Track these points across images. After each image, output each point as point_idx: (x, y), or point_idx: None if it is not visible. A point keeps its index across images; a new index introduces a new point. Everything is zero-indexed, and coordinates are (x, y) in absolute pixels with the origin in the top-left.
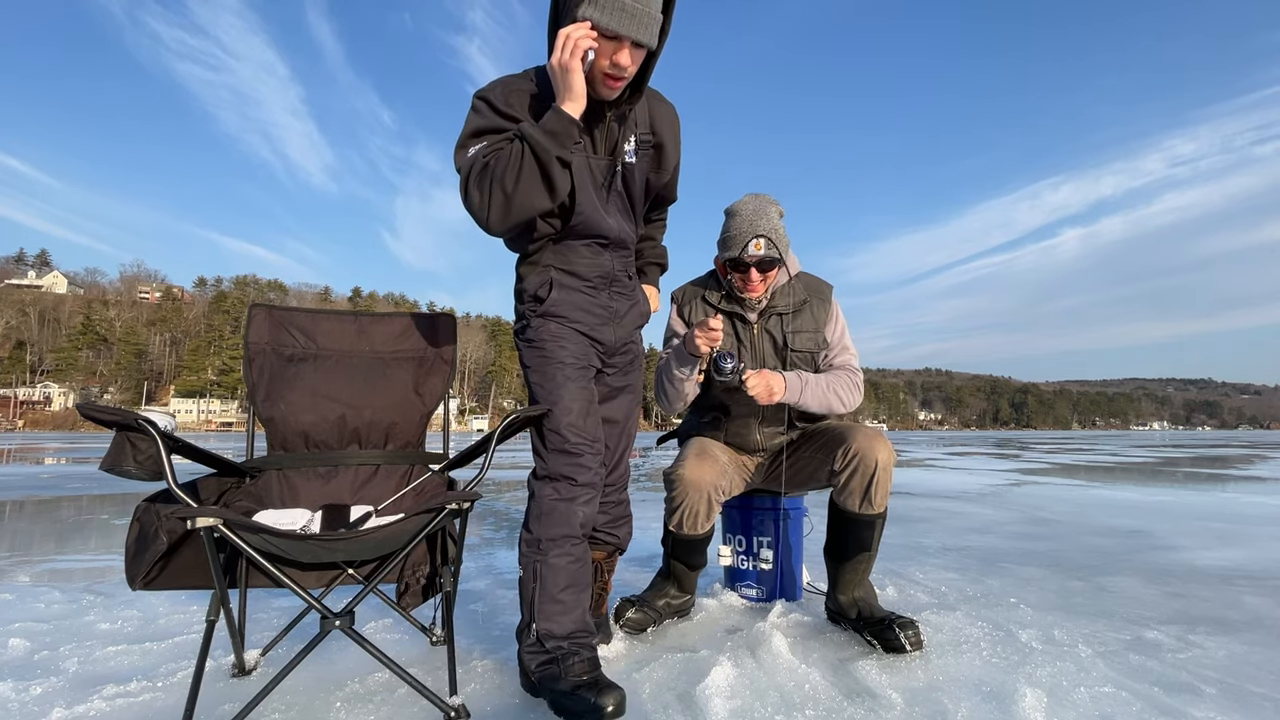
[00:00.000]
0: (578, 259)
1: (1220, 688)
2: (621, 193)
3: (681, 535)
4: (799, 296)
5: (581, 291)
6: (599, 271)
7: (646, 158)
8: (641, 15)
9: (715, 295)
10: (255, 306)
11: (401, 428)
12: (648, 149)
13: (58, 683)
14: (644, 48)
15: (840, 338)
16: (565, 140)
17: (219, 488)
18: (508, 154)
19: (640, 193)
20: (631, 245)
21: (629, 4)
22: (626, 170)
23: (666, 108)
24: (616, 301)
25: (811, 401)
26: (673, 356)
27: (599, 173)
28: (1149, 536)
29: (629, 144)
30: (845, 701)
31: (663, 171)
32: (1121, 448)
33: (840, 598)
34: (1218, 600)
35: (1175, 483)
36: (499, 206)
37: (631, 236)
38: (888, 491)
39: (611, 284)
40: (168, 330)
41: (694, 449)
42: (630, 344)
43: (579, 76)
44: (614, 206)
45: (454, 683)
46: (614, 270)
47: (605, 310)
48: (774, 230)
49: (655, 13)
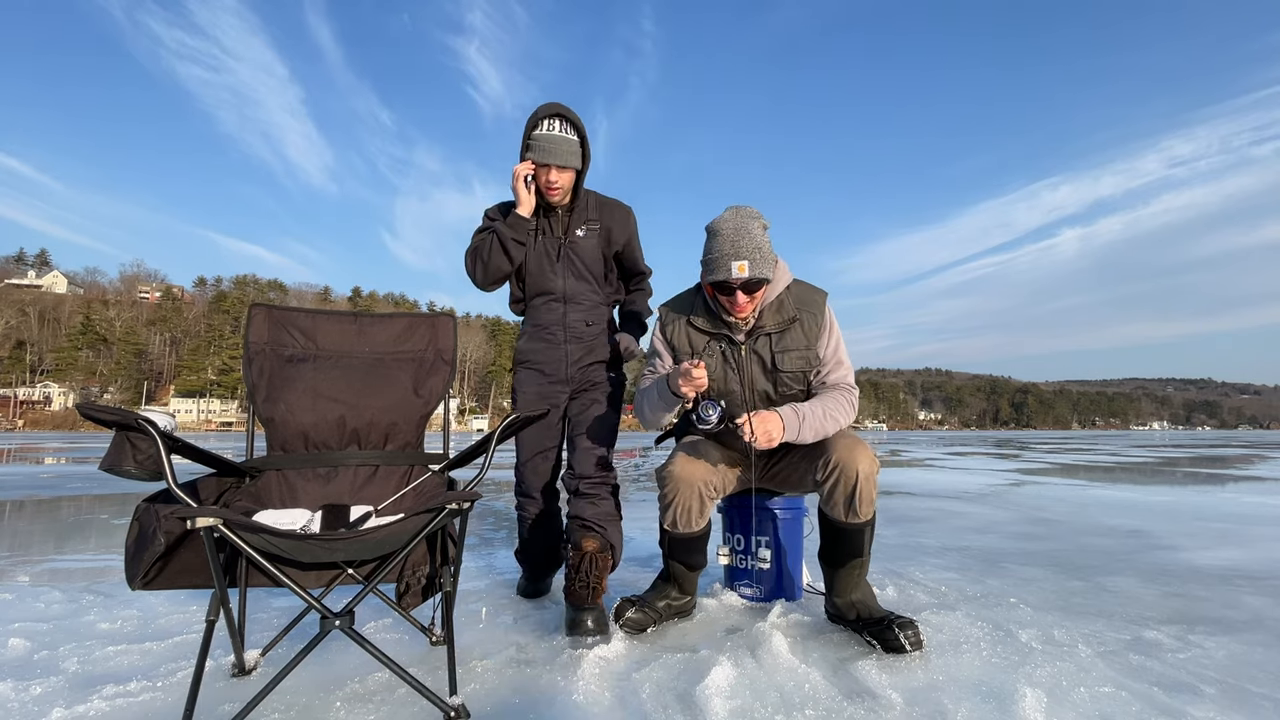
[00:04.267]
0: (539, 314)
1: (1220, 688)
2: (574, 260)
3: (677, 533)
4: (788, 314)
5: (542, 340)
6: (555, 320)
7: (594, 236)
8: (560, 151)
9: (700, 319)
10: (255, 306)
11: (401, 428)
12: (594, 232)
13: (58, 683)
14: (569, 169)
15: (834, 352)
16: (518, 230)
17: (219, 488)
18: (487, 241)
19: (594, 261)
20: (587, 301)
21: (550, 146)
22: (575, 245)
23: (617, 208)
24: (572, 345)
25: (809, 435)
26: (654, 387)
27: (551, 247)
28: (1149, 536)
29: (580, 230)
30: (845, 701)
31: (612, 245)
32: (1121, 448)
33: (838, 601)
34: (1218, 600)
35: (1175, 483)
36: (480, 270)
37: (586, 294)
38: (872, 499)
39: (567, 331)
40: (168, 330)
41: (686, 446)
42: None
43: (524, 193)
44: (566, 270)
45: (454, 683)
46: (568, 320)
47: (561, 354)
48: (757, 249)
49: (572, 148)
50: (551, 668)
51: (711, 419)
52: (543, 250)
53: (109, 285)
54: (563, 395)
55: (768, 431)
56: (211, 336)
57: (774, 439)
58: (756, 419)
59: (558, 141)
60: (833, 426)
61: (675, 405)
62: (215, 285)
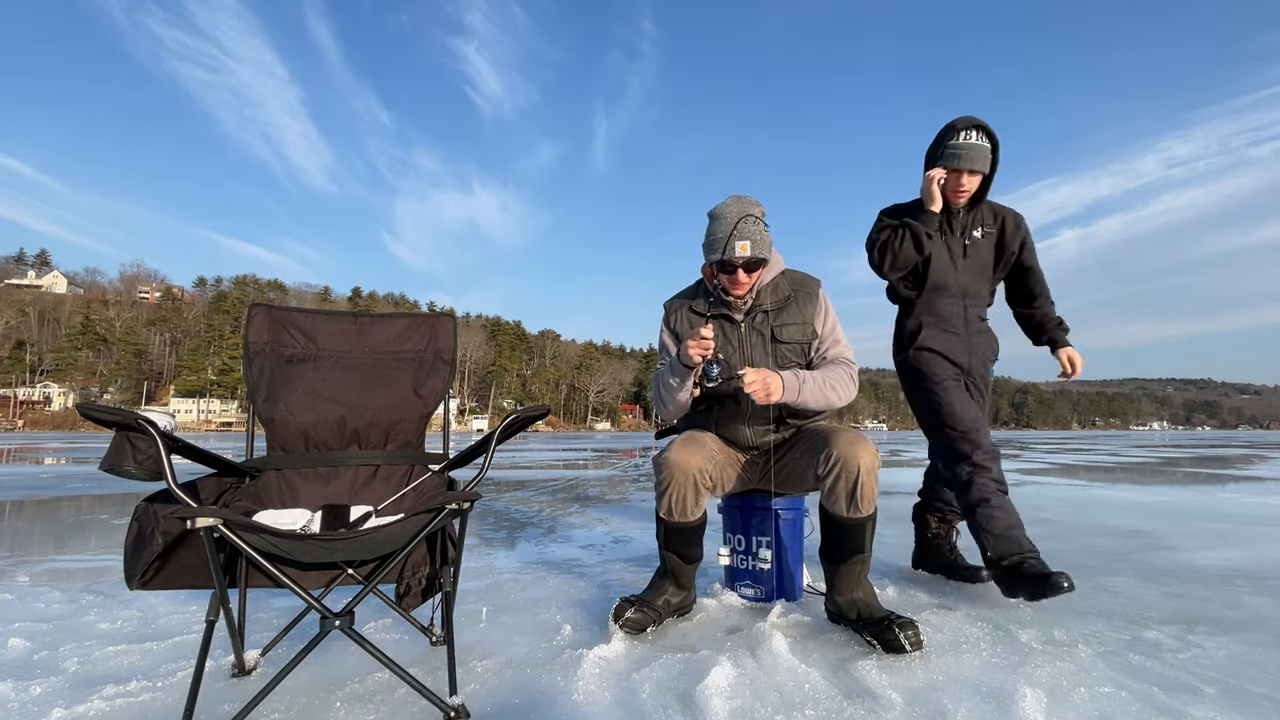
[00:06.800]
0: (938, 306)
1: (1220, 688)
2: (973, 260)
3: (672, 522)
4: (784, 292)
5: (946, 331)
6: (956, 314)
7: (990, 239)
8: (977, 157)
9: (702, 303)
10: (255, 306)
11: (401, 428)
12: (990, 235)
13: (58, 683)
14: (978, 174)
15: (831, 330)
16: (929, 225)
17: (219, 488)
18: (899, 233)
19: (988, 261)
20: (981, 300)
21: (968, 153)
22: (974, 245)
23: (1007, 212)
24: (976, 339)
25: (810, 399)
26: (666, 368)
27: (953, 245)
28: (1149, 536)
29: (978, 231)
30: (845, 701)
31: (1004, 249)
32: (1121, 448)
33: (839, 599)
34: (1218, 600)
35: (1175, 483)
36: (890, 259)
37: (981, 292)
38: (874, 494)
39: (968, 325)
40: (168, 330)
41: (683, 436)
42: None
43: (936, 194)
44: (967, 268)
45: (454, 683)
46: (968, 315)
47: (966, 345)
48: (758, 231)
49: (985, 154)
50: (551, 668)
51: (714, 373)
52: (944, 247)
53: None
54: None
55: (766, 383)
56: (211, 336)
57: (773, 394)
58: (758, 371)
59: (974, 149)
60: (833, 396)
61: (686, 375)
62: (215, 285)
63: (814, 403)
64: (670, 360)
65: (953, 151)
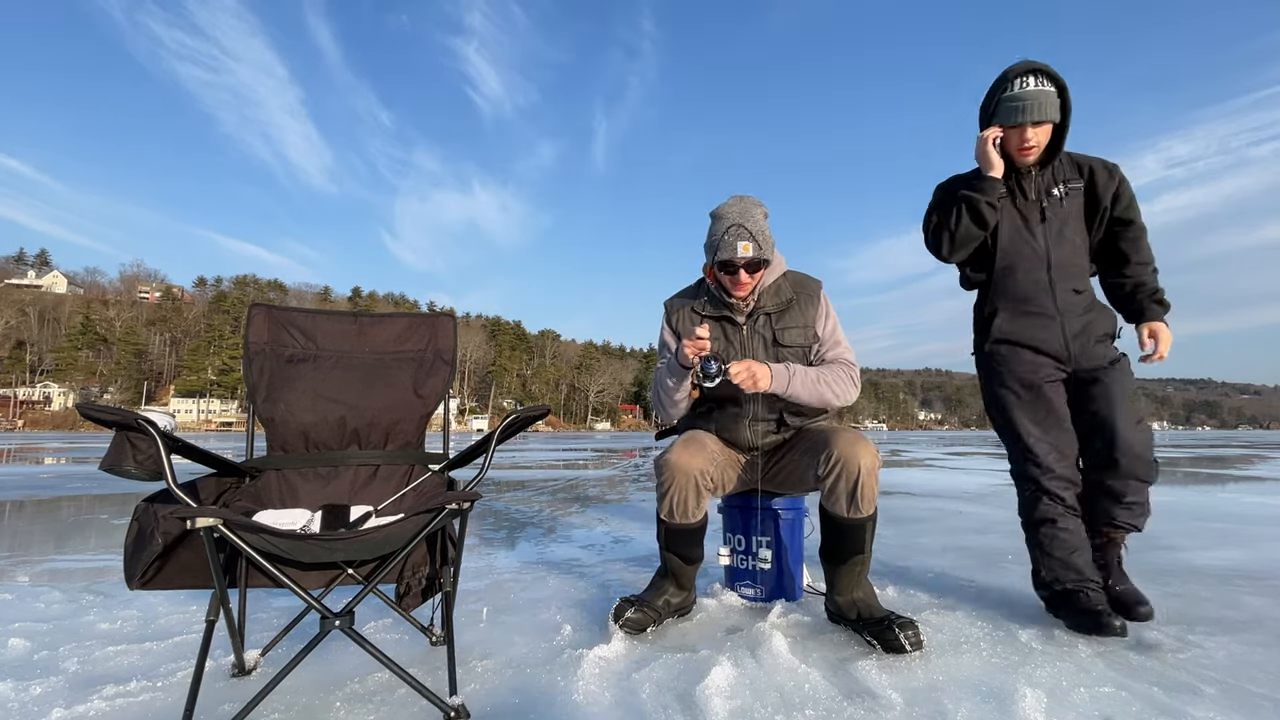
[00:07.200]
0: (1015, 285)
1: (1220, 688)
2: (1057, 223)
3: (673, 524)
4: (786, 295)
5: (1026, 314)
6: (1038, 291)
7: (1076, 196)
8: (1037, 106)
9: (703, 305)
10: (255, 306)
11: (401, 428)
12: (1076, 190)
13: (58, 683)
14: (1045, 124)
15: (832, 332)
16: (989, 193)
17: (219, 488)
18: (952, 211)
19: (1077, 223)
20: (1074, 267)
21: (1024, 103)
22: (1053, 206)
23: (1095, 161)
24: (1068, 318)
25: (801, 392)
26: (665, 367)
27: (1029, 211)
28: (1149, 536)
29: (1058, 189)
30: (845, 701)
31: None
32: None
33: (839, 599)
34: (1218, 600)
35: (1175, 483)
36: (948, 240)
37: (1075, 261)
38: (874, 494)
39: (1057, 301)
40: (168, 330)
41: (684, 437)
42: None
43: (994, 157)
44: (1050, 234)
45: (454, 683)
46: (1056, 289)
47: (1056, 327)
48: (760, 231)
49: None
50: (551, 668)
51: (711, 370)
52: (1015, 214)
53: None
54: (1059, 375)
55: (753, 373)
56: (211, 336)
57: (760, 383)
58: (745, 362)
59: (1034, 96)
60: (827, 391)
61: (684, 375)
62: (215, 285)
63: (806, 396)
64: (669, 360)
65: (1010, 104)
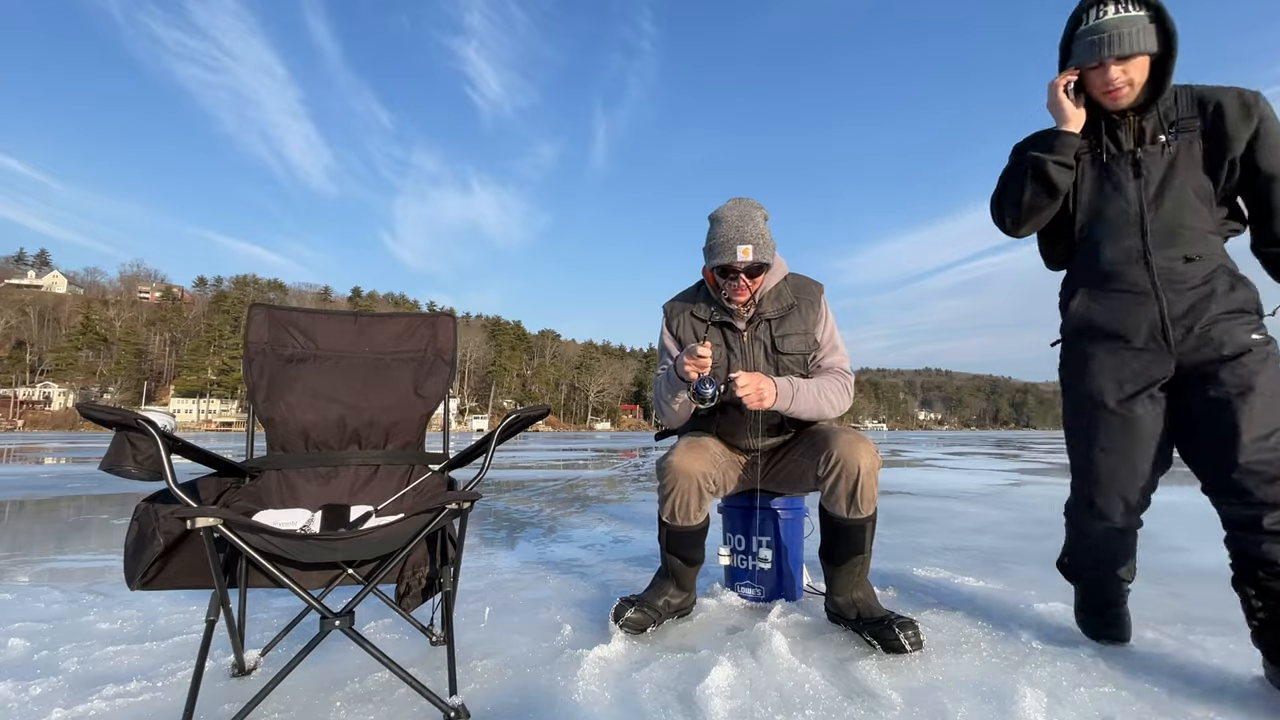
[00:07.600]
0: (1102, 257)
1: (1220, 688)
2: (1158, 177)
3: (675, 526)
4: (786, 301)
5: (1112, 293)
6: (1129, 260)
7: (1190, 140)
8: (1120, 37)
9: (704, 309)
10: (255, 306)
11: (401, 428)
12: (1190, 134)
13: (58, 683)
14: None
15: (830, 337)
16: (1062, 150)
17: (219, 488)
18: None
19: (1190, 173)
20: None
21: (1104, 36)
22: (1152, 157)
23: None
24: (1169, 295)
25: (803, 409)
26: (665, 376)
27: (1118, 167)
28: (1149, 536)
29: (1164, 135)
30: (845, 701)
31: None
32: None
33: (839, 599)
34: (1218, 600)
35: (1175, 483)
36: (1010, 211)
37: (1185, 223)
38: (874, 495)
39: (1154, 273)
40: (168, 330)
41: (686, 439)
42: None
43: (1069, 106)
44: (1148, 191)
45: (454, 683)
46: (1153, 260)
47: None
48: (760, 235)
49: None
50: (551, 668)
51: (707, 393)
52: (1096, 174)
53: (109, 285)
54: (1159, 371)
55: (760, 389)
56: (211, 336)
57: (766, 400)
58: (752, 375)
59: (1115, 25)
60: (826, 406)
61: (682, 389)
62: (215, 285)
63: (807, 413)
64: (668, 371)
65: (1089, 39)
